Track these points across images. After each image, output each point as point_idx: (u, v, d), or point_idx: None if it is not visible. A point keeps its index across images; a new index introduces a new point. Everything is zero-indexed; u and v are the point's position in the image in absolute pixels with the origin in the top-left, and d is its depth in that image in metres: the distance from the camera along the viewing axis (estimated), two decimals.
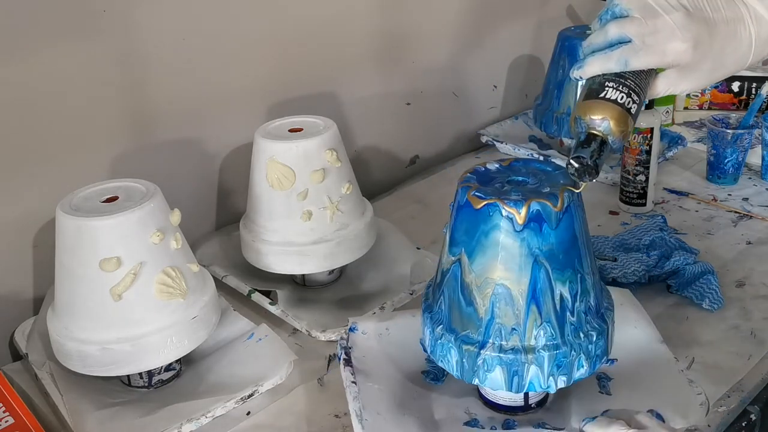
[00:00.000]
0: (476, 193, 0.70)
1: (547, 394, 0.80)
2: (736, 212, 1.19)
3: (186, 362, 0.89)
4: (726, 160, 1.25)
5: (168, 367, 0.86)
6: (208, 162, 1.12)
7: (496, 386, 0.72)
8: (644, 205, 1.19)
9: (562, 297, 0.70)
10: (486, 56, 1.49)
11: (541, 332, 0.70)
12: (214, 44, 1.06)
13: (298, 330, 0.94)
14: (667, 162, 1.33)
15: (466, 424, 0.77)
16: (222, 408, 0.80)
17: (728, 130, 1.22)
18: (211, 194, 1.14)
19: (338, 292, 1.03)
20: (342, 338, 0.85)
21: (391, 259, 1.06)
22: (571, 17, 1.62)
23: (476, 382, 0.72)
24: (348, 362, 0.82)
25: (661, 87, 0.73)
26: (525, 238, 0.69)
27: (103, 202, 0.79)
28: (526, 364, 0.70)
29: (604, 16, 0.72)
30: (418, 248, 1.07)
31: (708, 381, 0.83)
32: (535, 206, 0.68)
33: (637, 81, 0.70)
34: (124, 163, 1.01)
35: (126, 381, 0.86)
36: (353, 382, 0.79)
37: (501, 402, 0.78)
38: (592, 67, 0.71)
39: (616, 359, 0.82)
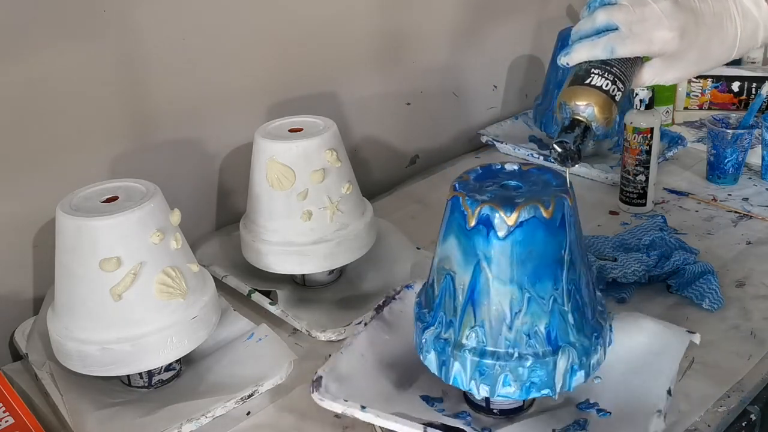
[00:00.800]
0: (455, 184, 0.72)
1: (521, 408, 0.78)
2: (736, 212, 1.19)
3: (186, 362, 0.89)
4: (726, 160, 1.25)
5: (168, 367, 0.86)
6: (208, 162, 1.12)
7: (433, 368, 0.74)
8: (644, 205, 1.19)
9: (499, 309, 0.69)
10: (486, 56, 1.49)
11: (473, 334, 0.70)
12: (214, 44, 1.06)
13: (298, 330, 0.94)
14: (667, 162, 1.33)
15: (423, 397, 0.79)
16: (222, 408, 0.80)
17: (728, 130, 1.22)
18: (211, 194, 1.14)
19: (338, 292, 1.03)
20: (394, 289, 0.88)
21: (391, 259, 1.06)
22: (571, 17, 1.62)
23: (421, 358, 0.74)
24: (379, 309, 0.85)
25: (646, 76, 0.74)
26: (472, 239, 0.69)
27: (103, 202, 0.79)
28: (452, 359, 0.71)
29: (592, 3, 0.73)
30: (418, 248, 1.07)
31: (708, 381, 0.83)
32: (486, 211, 0.68)
33: (622, 69, 0.71)
34: (124, 163, 1.01)
35: (126, 381, 0.86)
36: (365, 323, 0.84)
37: (470, 396, 0.79)
38: (578, 54, 0.71)
39: (611, 413, 0.76)
